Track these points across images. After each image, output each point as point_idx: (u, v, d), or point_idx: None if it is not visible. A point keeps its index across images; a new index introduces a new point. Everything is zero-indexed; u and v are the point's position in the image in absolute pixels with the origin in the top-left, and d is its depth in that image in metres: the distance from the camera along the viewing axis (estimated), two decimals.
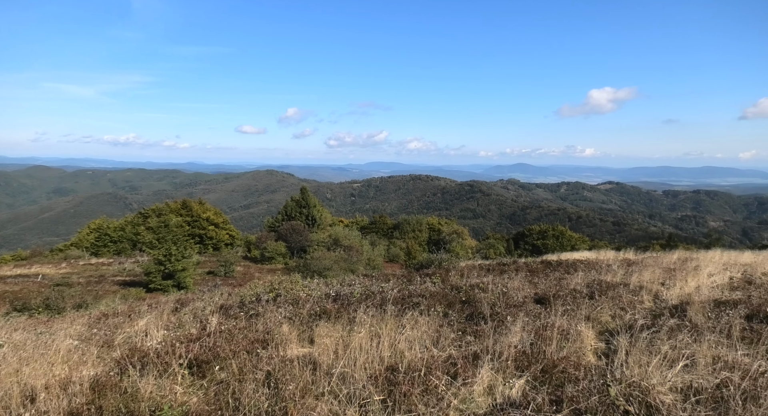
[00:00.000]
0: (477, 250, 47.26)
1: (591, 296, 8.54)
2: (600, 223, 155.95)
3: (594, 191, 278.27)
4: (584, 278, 10.81)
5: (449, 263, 15.99)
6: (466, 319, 6.80)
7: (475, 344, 4.81)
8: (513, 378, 3.77)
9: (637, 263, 13.40)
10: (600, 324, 6.47)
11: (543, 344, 5.01)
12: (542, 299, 8.35)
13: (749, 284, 8.80)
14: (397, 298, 8.07)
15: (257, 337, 4.66)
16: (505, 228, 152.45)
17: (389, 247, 45.54)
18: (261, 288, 8.78)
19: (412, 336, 4.97)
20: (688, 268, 11.24)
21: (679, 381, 3.81)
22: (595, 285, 9.59)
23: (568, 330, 5.72)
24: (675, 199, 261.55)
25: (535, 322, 6.19)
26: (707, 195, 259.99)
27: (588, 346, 5.38)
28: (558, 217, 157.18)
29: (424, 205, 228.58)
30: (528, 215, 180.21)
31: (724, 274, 10.16)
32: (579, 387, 3.50)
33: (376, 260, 35.45)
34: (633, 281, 9.89)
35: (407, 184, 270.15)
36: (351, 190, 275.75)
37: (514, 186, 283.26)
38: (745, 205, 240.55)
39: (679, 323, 5.90)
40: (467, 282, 10.82)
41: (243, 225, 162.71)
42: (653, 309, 7.36)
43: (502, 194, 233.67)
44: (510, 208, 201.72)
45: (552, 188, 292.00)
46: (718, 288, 8.63)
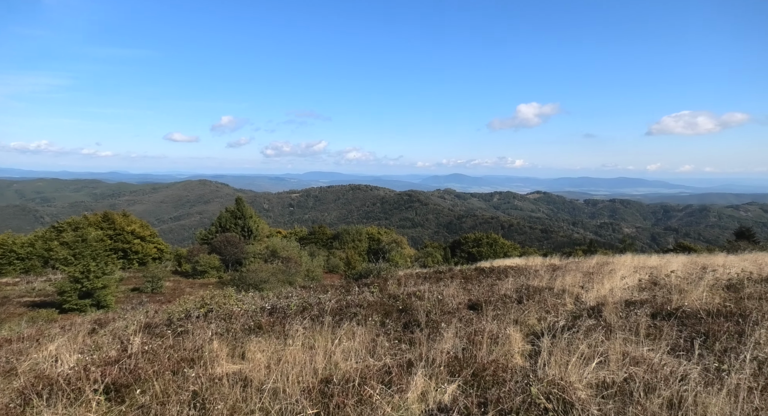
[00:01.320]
0: (416, 259, 48.12)
1: (519, 301, 9.00)
2: (530, 231, 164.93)
3: (524, 200, 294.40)
4: (514, 283, 11.36)
5: (387, 272, 16.15)
6: (402, 328, 6.90)
7: (410, 352, 4.90)
8: (445, 384, 3.88)
9: (561, 268, 14.31)
10: (527, 327, 6.82)
11: (474, 349, 5.21)
12: (475, 305, 8.66)
13: (655, 285, 9.71)
14: (335, 309, 8.02)
15: (185, 356, 4.42)
16: (442, 236, 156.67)
17: (329, 258, 45.12)
18: (191, 304, 8.35)
19: (349, 346, 4.97)
20: (604, 272, 12.17)
21: (594, 377, 4.13)
22: (523, 290, 10.11)
23: (497, 334, 5.98)
24: (594, 208, 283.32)
25: (467, 328, 6.42)
26: (622, 203, 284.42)
27: (516, 349, 5.65)
28: (492, 226, 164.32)
29: (363, 214, 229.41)
30: (464, 224, 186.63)
31: (635, 277, 11.13)
32: (505, 388, 3.68)
33: (315, 271, 34.96)
34: (557, 285, 10.56)
35: (347, 194, 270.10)
36: (289, 200, 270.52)
37: (451, 195, 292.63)
38: (653, 212, 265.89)
39: (596, 323, 6.39)
40: (405, 291, 10.98)
41: (173, 238, 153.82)
42: (574, 311, 7.88)
43: (439, 204, 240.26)
44: (447, 217, 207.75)
45: (486, 198, 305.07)
46: (629, 289, 9.44)
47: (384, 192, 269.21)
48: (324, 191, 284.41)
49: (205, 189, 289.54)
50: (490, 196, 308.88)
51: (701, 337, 5.25)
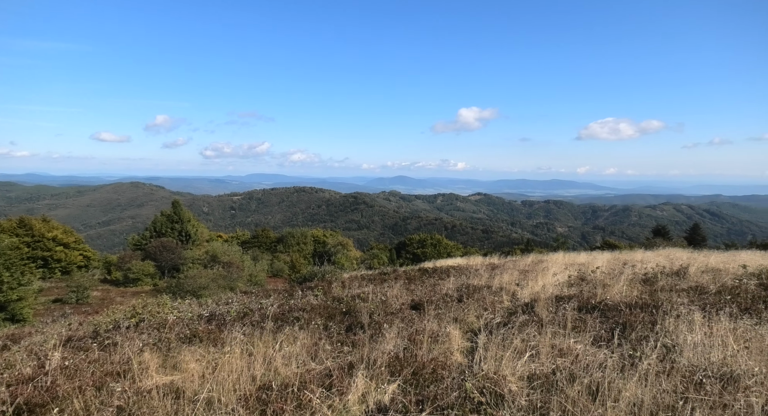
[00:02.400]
0: (362, 261, 48.20)
1: (460, 299, 9.30)
2: (472, 231, 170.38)
3: (466, 202, 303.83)
4: (455, 283, 11.70)
5: (332, 275, 16.05)
6: (346, 330, 6.91)
7: (353, 354, 4.92)
8: (386, 384, 3.94)
9: (500, 267, 14.93)
10: (467, 324, 7.05)
11: (415, 348, 5.32)
12: (418, 305, 8.84)
13: (582, 280, 10.41)
14: (277, 314, 7.86)
15: (111, 370, 4.14)
16: (388, 238, 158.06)
17: (273, 262, 44.06)
18: (121, 314, 7.85)
19: (290, 351, 4.90)
20: (539, 269, 12.86)
21: (526, 369, 4.36)
22: (463, 289, 10.45)
23: (438, 333, 6.15)
24: (531, 208, 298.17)
25: (409, 328, 6.54)
26: (555, 204, 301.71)
27: (455, 346, 5.83)
28: (436, 227, 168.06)
29: (309, 217, 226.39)
30: (409, 225, 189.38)
31: (565, 273, 11.86)
32: (443, 385, 3.80)
33: (258, 276, 34.00)
34: (495, 283, 11.01)
35: (291, 196, 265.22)
36: (231, 203, 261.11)
37: (396, 197, 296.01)
38: (583, 212, 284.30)
39: (529, 318, 6.75)
40: (349, 293, 10.98)
41: (102, 245, 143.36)
42: (510, 307, 8.27)
43: (384, 205, 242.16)
44: (392, 219, 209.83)
45: (430, 199, 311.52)
46: (560, 285, 10.04)
47: (329, 194, 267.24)
48: (267, 193, 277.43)
49: (138, 191, 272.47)
50: (434, 197, 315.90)
51: (620, 327, 5.70)
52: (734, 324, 4.85)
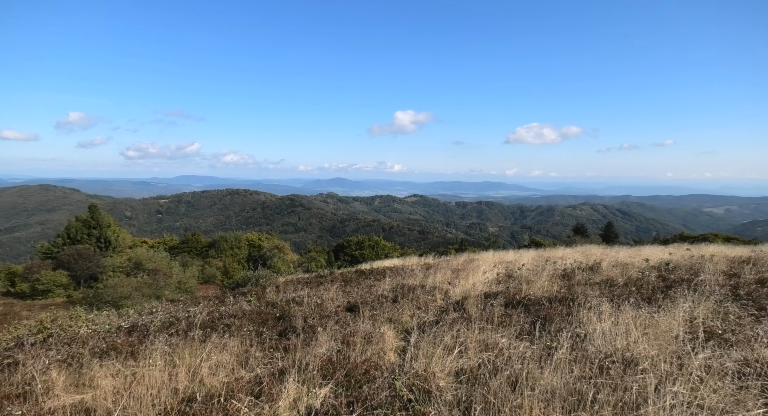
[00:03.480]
0: (299, 264, 47.38)
1: (395, 300, 9.44)
2: (409, 232, 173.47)
3: (403, 203, 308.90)
4: (391, 283, 11.86)
5: (267, 280, 15.64)
6: (279, 335, 6.77)
7: (285, 359, 4.84)
8: (318, 388, 3.92)
9: (434, 266, 15.33)
10: (401, 324, 7.18)
11: (349, 350, 5.34)
12: (353, 307, 8.86)
13: (509, 277, 10.99)
14: (206, 322, 7.53)
15: (10, 392, 3.74)
16: (326, 240, 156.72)
17: (204, 267, 42.00)
18: (25, 330, 7.11)
19: (219, 360, 4.72)
20: (470, 268, 13.37)
21: (455, 365, 4.53)
22: (398, 290, 10.63)
23: (372, 333, 6.21)
24: (464, 209, 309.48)
25: (344, 330, 6.55)
26: (487, 205, 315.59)
27: (389, 346, 5.92)
28: (373, 228, 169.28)
29: (243, 220, 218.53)
30: (347, 227, 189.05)
31: (494, 271, 12.46)
32: (375, 385, 3.85)
33: (188, 283, 32.24)
34: (429, 283, 11.31)
35: (224, 199, 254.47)
36: (157, 206, 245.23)
37: (333, 199, 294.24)
38: (512, 213, 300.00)
39: (459, 316, 7.01)
40: (284, 298, 10.77)
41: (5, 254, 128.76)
42: (442, 305, 8.53)
43: (322, 208, 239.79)
44: (330, 221, 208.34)
45: (367, 201, 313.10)
46: (489, 283, 10.53)
47: (265, 196, 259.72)
48: (198, 196, 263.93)
49: (49, 195, 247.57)
50: (372, 199, 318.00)
51: (541, 320, 6.08)
52: (637, 313, 5.36)
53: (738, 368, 3.51)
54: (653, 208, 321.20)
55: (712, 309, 5.45)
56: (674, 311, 5.25)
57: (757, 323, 4.79)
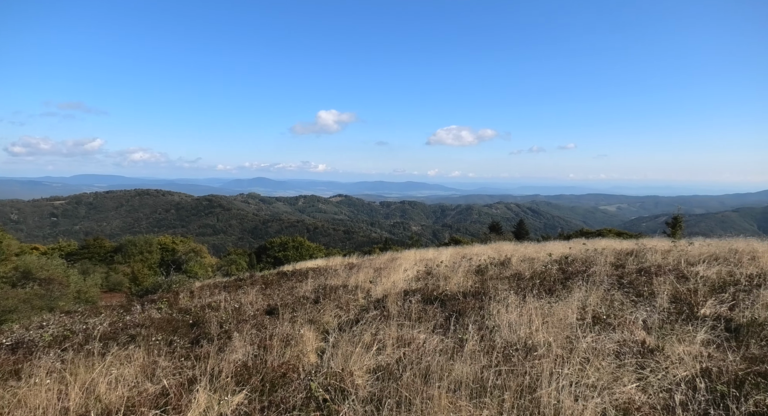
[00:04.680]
0: (218, 268, 45.15)
1: (317, 300, 9.38)
2: (333, 233, 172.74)
3: (327, 203, 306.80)
4: (313, 284, 11.76)
5: (180, 285, 14.74)
6: (192, 343, 6.43)
7: (196, 368, 4.61)
8: (231, 395, 3.79)
9: (357, 266, 15.43)
10: (323, 324, 7.16)
11: (266, 354, 5.22)
12: (273, 310, 8.66)
13: (429, 274, 11.40)
14: (108, 333, 6.93)
15: None
16: (247, 242, 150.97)
17: (109, 275, 38.41)
18: None
19: (121, 374, 4.37)
20: (393, 266, 13.65)
21: (373, 362, 4.62)
22: (320, 290, 10.57)
23: (292, 335, 6.12)
24: (389, 209, 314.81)
25: (262, 334, 6.38)
26: (410, 205, 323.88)
27: (310, 347, 5.88)
28: (298, 229, 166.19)
29: (155, 222, 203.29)
30: (270, 228, 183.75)
31: (415, 269, 12.85)
32: (291, 388, 3.81)
33: (89, 292, 29.24)
34: (351, 282, 11.37)
35: (132, 200, 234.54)
36: (51, 208, 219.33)
37: (255, 200, 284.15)
38: (434, 212, 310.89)
39: (379, 313, 7.15)
40: (199, 303, 10.23)
41: None
42: (364, 304, 8.64)
43: (243, 208, 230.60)
44: (252, 222, 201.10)
45: (291, 201, 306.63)
46: (409, 280, 10.85)
47: (180, 197, 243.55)
48: (101, 197, 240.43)
49: None
50: (296, 199, 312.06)
51: (455, 314, 6.40)
52: (539, 303, 5.84)
53: (618, 348, 3.98)
54: (558, 206, 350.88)
55: (601, 297, 6.10)
56: (570, 300, 5.80)
57: (635, 308, 5.46)
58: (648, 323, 4.85)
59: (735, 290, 5.86)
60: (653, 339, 4.28)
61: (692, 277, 6.98)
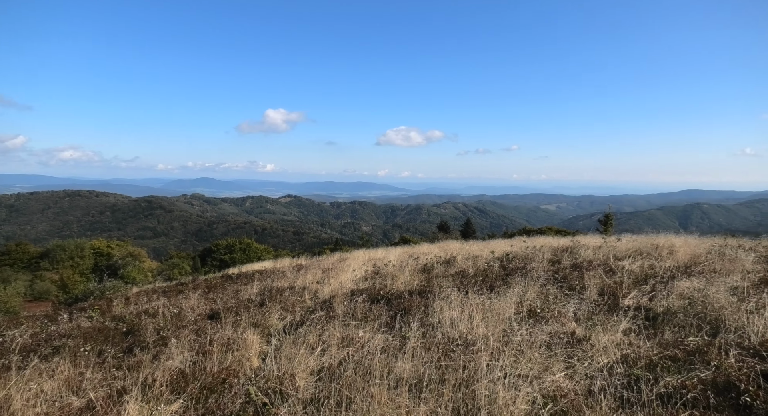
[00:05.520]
0: (159, 272, 42.92)
1: (262, 303, 9.18)
2: (283, 234, 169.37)
3: (276, 204, 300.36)
4: (259, 287, 11.50)
5: (115, 291, 13.89)
6: (125, 352, 6.08)
7: (129, 378, 4.37)
8: (166, 405, 3.63)
9: (306, 267, 15.24)
10: (267, 327, 7.02)
11: (206, 360, 5.04)
12: (216, 314, 8.38)
13: (377, 274, 11.48)
14: (29, 345, 6.40)
15: None
16: (191, 245, 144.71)
17: (34, 282, 35.42)
18: None
19: (42, 389, 4.06)
20: (341, 267, 13.61)
21: (317, 364, 4.59)
22: (266, 293, 10.35)
23: (234, 340, 5.95)
24: (339, 209, 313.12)
25: (203, 339, 6.16)
26: (360, 205, 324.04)
27: (253, 351, 5.74)
28: (245, 231, 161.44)
29: (87, 226, 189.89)
30: (215, 230, 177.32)
31: (363, 268, 12.88)
32: (231, 394, 3.71)
33: (10, 301, 26.81)
34: (299, 283, 11.22)
35: (62, 202, 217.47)
36: None
37: (199, 201, 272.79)
38: (384, 212, 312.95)
39: (326, 314, 7.11)
40: (135, 310, 9.71)
41: None
42: (311, 306, 8.55)
43: (186, 210, 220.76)
44: (196, 224, 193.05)
45: (238, 202, 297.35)
46: (357, 280, 10.87)
47: (116, 198, 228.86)
48: (25, 199, 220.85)
49: None
50: (243, 200, 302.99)
51: (401, 313, 6.49)
52: (480, 299, 6.04)
53: (549, 340, 4.21)
54: (503, 205, 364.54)
55: (538, 291, 6.42)
56: (509, 295, 6.05)
57: (568, 301, 5.79)
58: (578, 315, 5.17)
59: (654, 282, 6.37)
60: (582, 330, 4.56)
61: (619, 271, 7.50)
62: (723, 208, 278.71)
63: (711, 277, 6.27)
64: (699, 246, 9.31)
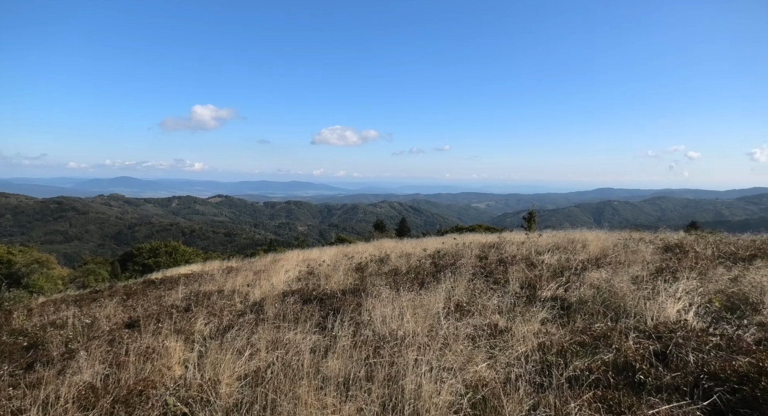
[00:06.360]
0: (71, 280, 39.21)
1: (188, 309, 8.72)
2: (213, 235, 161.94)
3: (205, 205, 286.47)
4: (185, 291, 10.92)
5: (16, 302, 12.50)
6: (25, 369, 5.49)
7: (27, 397, 3.95)
8: None
9: (237, 270, 14.70)
10: (192, 334, 6.67)
11: (121, 371, 4.69)
12: (135, 322, 7.84)
13: (311, 274, 11.32)
14: None
15: None
16: (110, 249, 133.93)
17: None
18: None
19: None
20: (275, 268, 13.27)
21: (245, 368, 4.44)
22: (192, 297, 9.85)
23: (155, 348, 5.60)
24: (273, 209, 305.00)
25: (119, 349, 5.73)
26: (296, 205, 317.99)
27: (176, 359, 5.43)
28: (171, 233, 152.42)
29: None
30: (137, 233, 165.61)
31: (297, 269, 12.66)
32: (148, 406, 3.48)
33: None
34: (228, 287, 10.80)
35: None
36: None
37: (119, 202, 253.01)
38: (320, 211, 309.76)
39: (256, 317, 6.90)
40: (39, 322, 8.83)
41: None
42: (241, 309, 8.26)
43: (103, 211, 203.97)
44: (115, 227, 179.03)
45: (163, 203, 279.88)
46: (290, 281, 10.66)
47: (18, 199, 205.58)
48: None
49: None
50: (168, 201, 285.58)
51: (333, 312, 6.45)
52: (411, 296, 6.17)
53: (474, 332, 4.39)
54: (437, 204, 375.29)
55: (465, 286, 6.67)
56: (438, 291, 6.23)
57: (493, 294, 6.08)
58: (501, 307, 5.44)
59: (569, 274, 6.87)
60: (504, 321, 4.81)
61: (539, 265, 8.01)
62: (630, 205, 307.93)
63: (617, 268, 6.89)
64: (608, 240, 10.18)
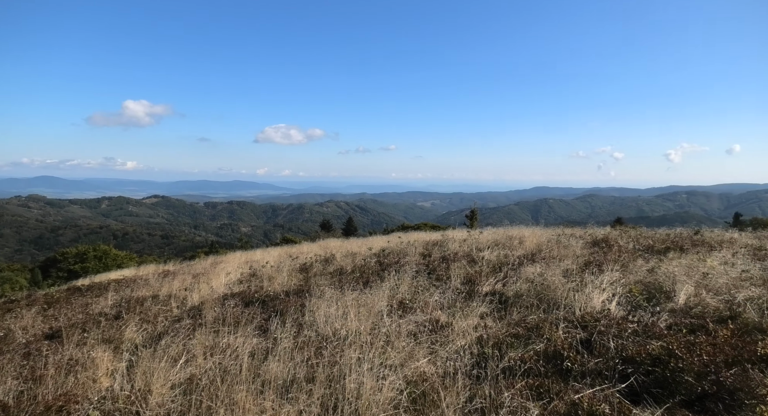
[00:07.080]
0: None
1: (118, 316, 8.19)
2: (149, 238, 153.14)
3: (140, 206, 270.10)
4: (115, 298, 10.26)
5: None
6: None
7: None
8: None
9: (174, 273, 13.99)
10: (122, 342, 6.28)
11: (38, 387, 4.31)
12: (57, 333, 7.25)
13: (253, 276, 11.01)
14: None
15: None
16: (29, 255, 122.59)
17: None
18: None
19: None
20: (215, 271, 12.76)
21: (181, 376, 4.22)
22: (124, 304, 9.28)
23: (79, 360, 5.21)
24: (215, 210, 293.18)
25: (37, 363, 5.26)
26: (239, 205, 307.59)
27: (103, 370, 5.07)
28: (101, 236, 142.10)
29: None
30: (62, 237, 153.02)
31: (239, 271, 12.26)
32: None
33: None
34: (164, 291, 10.25)
35: None
36: None
37: (39, 203, 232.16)
38: (264, 212, 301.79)
39: (193, 322, 6.60)
40: None
41: None
42: (177, 315, 7.87)
43: (21, 214, 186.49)
44: (35, 231, 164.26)
45: (91, 204, 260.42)
46: (231, 284, 10.30)
47: None
48: None
49: None
50: (98, 201, 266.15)
51: (276, 314, 6.31)
52: (355, 295, 6.16)
53: (416, 329, 4.47)
54: (383, 203, 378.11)
55: (409, 283, 6.77)
56: (383, 289, 6.28)
57: (435, 290, 6.22)
58: (443, 303, 5.58)
59: (507, 269, 7.17)
60: (445, 317, 4.94)
61: (480, 261, 8.29)
62: (564, 203, 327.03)
63: (550, 262, 7.28)
64: (543, 236, 10.74)
